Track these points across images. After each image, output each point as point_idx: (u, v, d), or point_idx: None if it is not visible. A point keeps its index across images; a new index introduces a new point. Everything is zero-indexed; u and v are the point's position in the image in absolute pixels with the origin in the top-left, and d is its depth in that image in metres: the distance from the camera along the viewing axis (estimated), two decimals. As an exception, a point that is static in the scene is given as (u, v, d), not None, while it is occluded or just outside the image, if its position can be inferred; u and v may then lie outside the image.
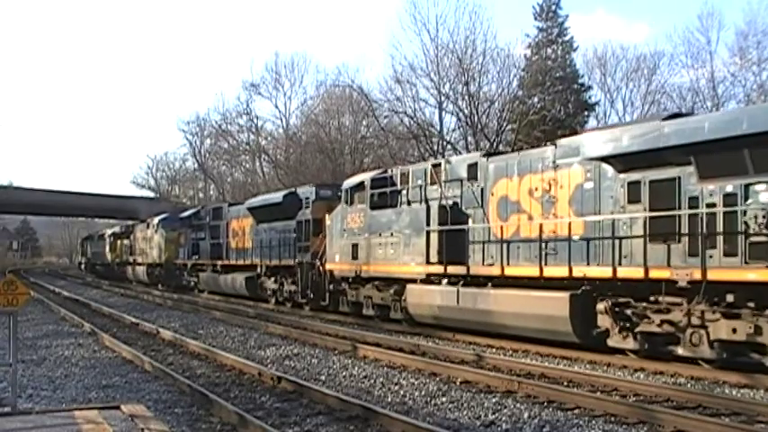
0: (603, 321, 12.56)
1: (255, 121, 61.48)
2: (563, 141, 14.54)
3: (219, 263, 31.10)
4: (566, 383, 10.54)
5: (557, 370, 11.47)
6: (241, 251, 29.05)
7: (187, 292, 34.46)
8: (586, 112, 41.70)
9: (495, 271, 14.84)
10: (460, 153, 34.75)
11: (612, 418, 8.43)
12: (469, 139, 40.39)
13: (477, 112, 39.90)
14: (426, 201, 17.08)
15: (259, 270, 26.94)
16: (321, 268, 21.80)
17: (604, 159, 13.00)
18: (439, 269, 16.24)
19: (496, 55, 40.21)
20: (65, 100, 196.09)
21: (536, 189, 14.53)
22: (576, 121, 40.01)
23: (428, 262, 16.56)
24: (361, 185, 19.54)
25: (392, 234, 17.89)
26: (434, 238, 16.50)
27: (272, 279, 25.90)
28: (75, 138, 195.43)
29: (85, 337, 16.93)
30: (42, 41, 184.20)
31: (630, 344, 12.21)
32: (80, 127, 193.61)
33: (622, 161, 12.67)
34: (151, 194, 75.31)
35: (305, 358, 13.29)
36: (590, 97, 42.07)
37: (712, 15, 45.96)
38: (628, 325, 12.20)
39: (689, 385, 10.53)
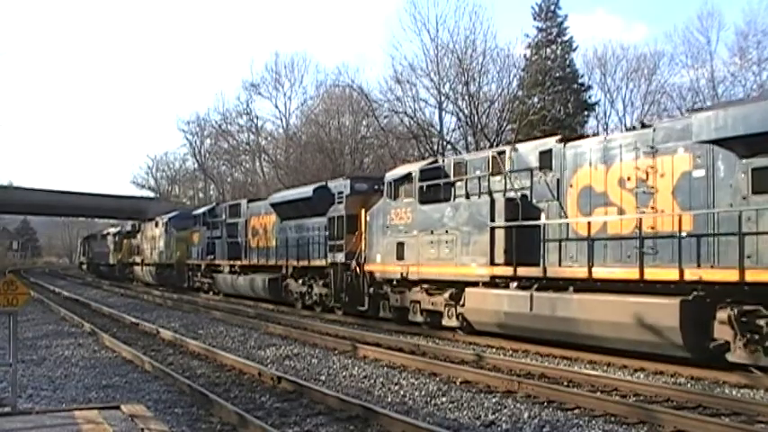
0: (723, 333, 10.71)
1: (255, 121, 61.65)
2: (664, 123, 12.96)
3: (238, 263, 28.89)
4: (566, 383, 10.54)
5: (557, 370, 11.46)
6: (263, 251, 26.87)
7: (192, 293, 33.95)
8: (586, 112, 41.74)
9: (580, 273, 12.91)
10: (460, 153, 34.73)
11: (612, 418, 8.43)
12: (469, 139, 40.43)
13: (477, 112, 39.95)
14: (490, 193, 15.20)
15: (284, 271, 24.82)
16: (358, 270, 19.81)
17: (721, 142, 11.01)
18: (506, 271, 14.38)
19: (496, 55, 40.35)
20: (65, 100, 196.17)
21: (628, 179, 12.60)
22: (576, 121, 40.05)
23: (492, 263, 14.73)
24: (407, 178, 17.59)
25: (447, 231, 15.97)
26: (500, 235, 14.65)
27: (300, 281, 23.81)
28: (75, 138, 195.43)
29: (85, 337, 16.93)
30: (42, 41, 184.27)
31: (762, 360, 10.35)
32: (80, 127, 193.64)
33: (747, 144, 10.67)
34: (151, 194, 75.34)
35: (305, 358, 13.29)
36: (590, 97, 42.16)
37: (712, 15, 45.92)
38: (757, 337, 10.35)
39: (689, 385, 10.53)
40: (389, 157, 43.16)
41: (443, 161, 17.46)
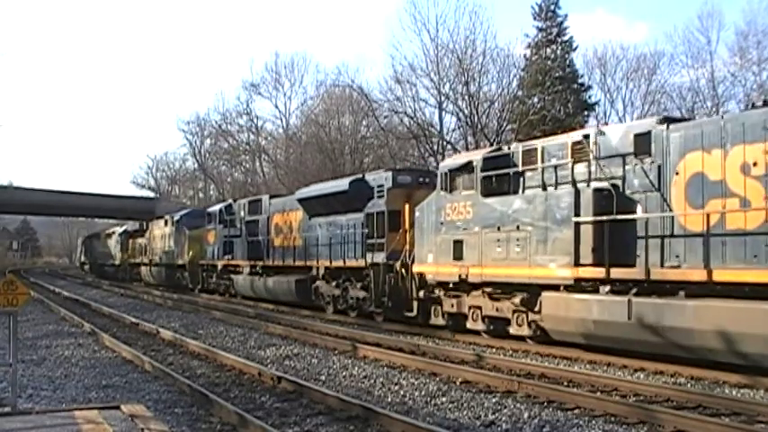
0: None
1: (255, 121, 61.73)
2: None
3: (260, 264, 26.64)
4: (566, 383, 10.54)
5: (557, 370, 11.47)
6: (288, 250, 24.56)
7: (192, 294, 33.79)
8: (586, 112, 41.73)
9: (695, 275, 11.06)
10: (460, 152, 34.71)
11: (612, 418, 8.43)
12: (469, 139, 40.45)
13: (477, 112, 39.97)
14: (574, 183, 13.25)
15: (314, 272, 22.69)
16: (404, 271, 17.82)
17: None
18: (596, 272, 12.38)
19: (496, 55, 40.38)
20: (65, 100, 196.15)
21: (754, 164, 10.66)
22: (576, 120, 40.02)
23: (577, 263, 12.77)
24: (467, 167, 15.57)
25: (518, 227, 13.96)
26: (588, 231, 12.69)
27: (333, 283, 21.67)
28: (75, 138, 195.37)
29: (85, 337, 16.93)
30: (42, 41, 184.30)
31: None
32: (80, 127, 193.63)
33: None
34: (151, 194, 75.37)
35: (305, 358, 13.29)
36: (590, 97, 42.16)
37: (712, 15, 46.01)
38: None
39: (689, 385, 10.53)
40: (389, 157, 43.23)
41: (509, 148, 15.48)
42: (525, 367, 11.77)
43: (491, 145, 35.62)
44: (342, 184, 21.70)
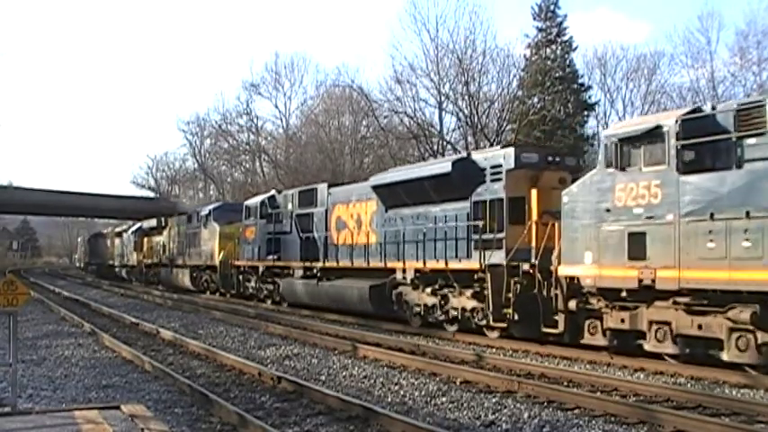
0: None
1: (255, 121, 61.69)
2: None
3: (318, 265, 22.20)
4: (566, 383, 10.54)
5: (557, 370, 11.47)
6: (357, 249, 20.47)
7: (192, 294, 33.23)
8: (586, 112, 41.76)
9: None
10: (460, 152, 34.66)
11: (612, 418, 8.44)
12: (469, 139, 40.48)
13: (477, 112, 40.01)
14: None
15: (398, 276, 18.40)
16: (540, 275, 13.86)
17: None
18: None
19: (496, 55, 40.47)
20: (65, 100, 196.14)
21: None
22: (576, 121, 40.08)
23: None
24: (652, 134, 11.68)
25: (747, 215, 10.23)
26: None
27: (427, 289, 17.34)
28: (75, 138, 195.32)
29: (85, 337, 16.92)
30: (42, 41, 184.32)
31: None
32: (80, 127, 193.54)
33: None
34: (151, 194, 75.35)
35: (305, 358, 13.29)
36: (590, 97, 42.17)
37: (712, 15, 46.17)
38: None
39: (689, 385, 10.54)
40: (389, 157, 43.24)
41: (711, 107, 12.09)
42: (525, 367, 11.77)
43: (491, 145, 35.42)
44: (441, 165, 17.56)
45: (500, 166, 15.47)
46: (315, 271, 22.41)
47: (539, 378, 10.94)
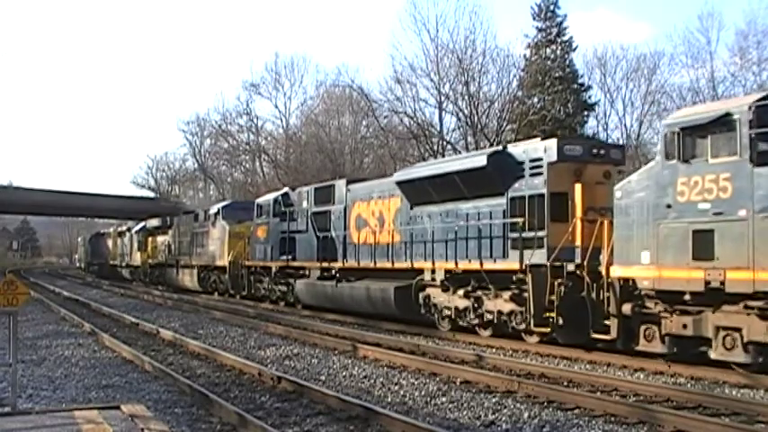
0: None
1: (255, 121, 61.65)
2: None
3: (337, 265, 21.18)
4: (566, 383, 10.54)
5: (557, 370, 11.47)
6: (380, 249, 19.34)
7: (192, 294, 33.22)
8: (586, 112, 41.77)
9: None
10: (460, 152, 34.71)
11: (612, 418, 8.44)
12: (469, 139, 40.50)
13: (477, 112, 40.03)
14: None
15: (426, 277, 17.34)
16: (587, 277, 12.85)
17: None
18: None
19: (496, 55, 40.50)
20: (65, 100, 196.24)
21: None
22: (576, 121, 40.08)
23: None
24: (721, 123, 10.71)
25: None
26: None
27: (459, 291, 16.22)
28: (75, 138, 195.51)
29: (85, 337, 16.92)
30: (42, 41, 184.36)
31: None
32: (80, 127, 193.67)
33: None
34: (151, 194, 75.34)
35: (305, 358, 13.29)
36: (590, 97, 42.18)
37: (712, 15, 46.11)
38: None
39: (689, 385, 10.54)
40: (389, 157, 43.28)
41: None
42: (525, 367, 11.77)
43: (491, 145, 35.48)
44: (474, 159, 16.41)
45: (540, 159, 14.37)
46: (333, 272, 21.36)
47: (539, 378, 10.94)
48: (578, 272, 13.03)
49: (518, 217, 14.59)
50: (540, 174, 14.31)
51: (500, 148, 16.26)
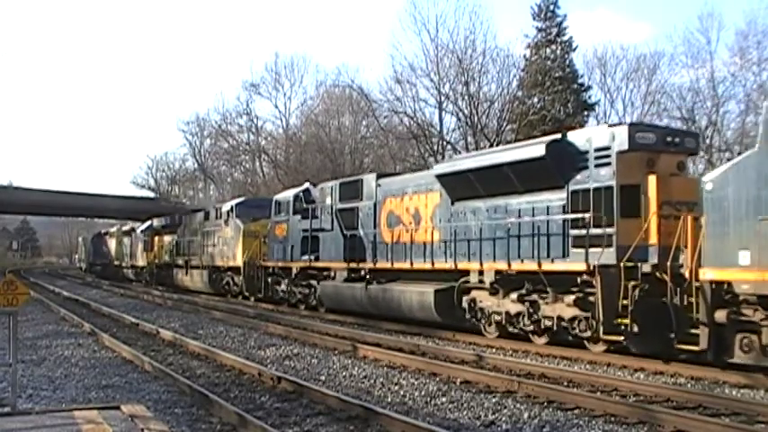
0: None
1: (255, 121, 61.68)
2: None
3: (367, 266, 19.67)
4: (566, 383, 10.54)
5: (557, 370, 11.47)
6: (416, 248, 17.71)
7: (191, 294, 33.03)
8: (586, 112, 41.73)
9: None
10: (460, 152, 34.70)
11: (612, 418, 8.44)
12: (469, 139, 40.49)
13: (477, 112, 40.03)
14: None
15: (472, 279, 15.76)
16: (670, 279, 11.41)
17: None
18: None
19: (496, 55, 40.53)
20: (65, 100, 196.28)
21: None
22: (576, 121, 40.03)
23: None
24: None
25: None
26: None
27: (511, 295, 14.66)
28: (76, 138, 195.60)
29: (85, 337, 16.92)
30: (42, 41, 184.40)
31: None
32: (80, 127, 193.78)
33: None
34: (151, 194, 75.34)
35: (305, 358, 13.29)
36: (590, 97, 42.15)
37: (712, 15, 46.05)
38: None
39: (689, 385, 10.54)
40: (389, 157, 43.28)
41: None
42: (525, 367, 11.77)
43: (491, 145, 35.53)
44: (530, 148, 14.64)
45: (608, 147, 12.86)
46: (363, 273, 19.84)
47: (539, 378, 10.94)
48: (656, 273, 11.68)
49: (580, 212, 13.12)
50: (608, 164, 12.81)
51: (558, 136, 14.38)
